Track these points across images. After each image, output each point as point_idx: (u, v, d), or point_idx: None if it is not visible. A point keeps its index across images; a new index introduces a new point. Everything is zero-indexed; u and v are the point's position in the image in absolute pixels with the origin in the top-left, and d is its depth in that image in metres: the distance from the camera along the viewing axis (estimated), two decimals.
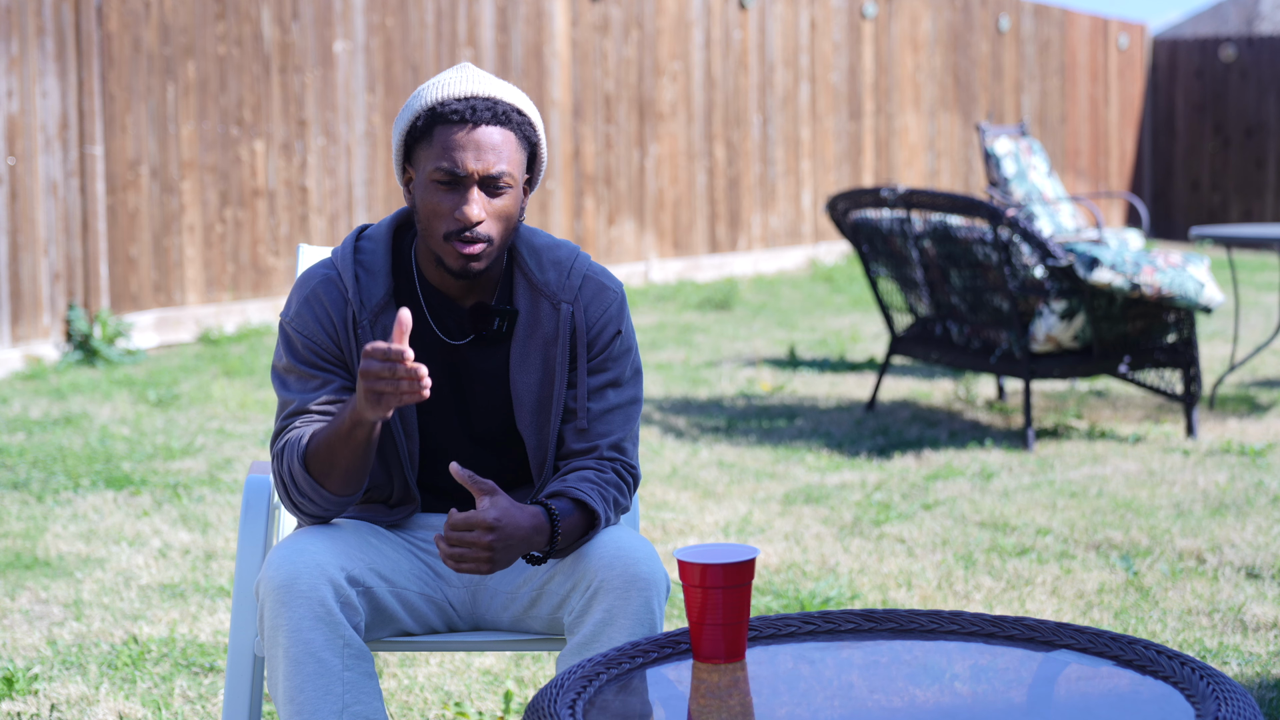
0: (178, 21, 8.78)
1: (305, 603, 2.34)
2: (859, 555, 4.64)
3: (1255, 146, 16.64)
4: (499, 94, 2.48)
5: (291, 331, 2.53)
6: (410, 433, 2.55)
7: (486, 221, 2.45)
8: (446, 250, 2.46)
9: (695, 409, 7.06)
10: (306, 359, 2.53)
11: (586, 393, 2.57)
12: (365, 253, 2.55)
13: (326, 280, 2.54)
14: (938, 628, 2.29)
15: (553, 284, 2.56)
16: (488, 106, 2.45)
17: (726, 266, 12.57)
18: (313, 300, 2.53)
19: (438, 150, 2.45)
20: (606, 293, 2.59)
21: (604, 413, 2.58)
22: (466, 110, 2.44)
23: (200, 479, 5.58)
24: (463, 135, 2.44)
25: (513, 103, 2.49)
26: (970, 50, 14.97)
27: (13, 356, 7.91)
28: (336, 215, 9.72)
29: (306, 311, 2.53)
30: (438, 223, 2.46)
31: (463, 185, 2.44)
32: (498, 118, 2.46)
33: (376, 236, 2.57)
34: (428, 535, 2.61)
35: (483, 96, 2.46)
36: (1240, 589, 4.27)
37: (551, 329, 2.55)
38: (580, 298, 2.57)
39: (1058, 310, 6.14)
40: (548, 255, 2.58)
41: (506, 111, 2.47)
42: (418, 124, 2.47)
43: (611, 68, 11.58)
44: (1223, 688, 2.00)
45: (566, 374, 2.56)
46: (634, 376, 2.64)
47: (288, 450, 2.46)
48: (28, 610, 4.18)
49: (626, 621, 2.38)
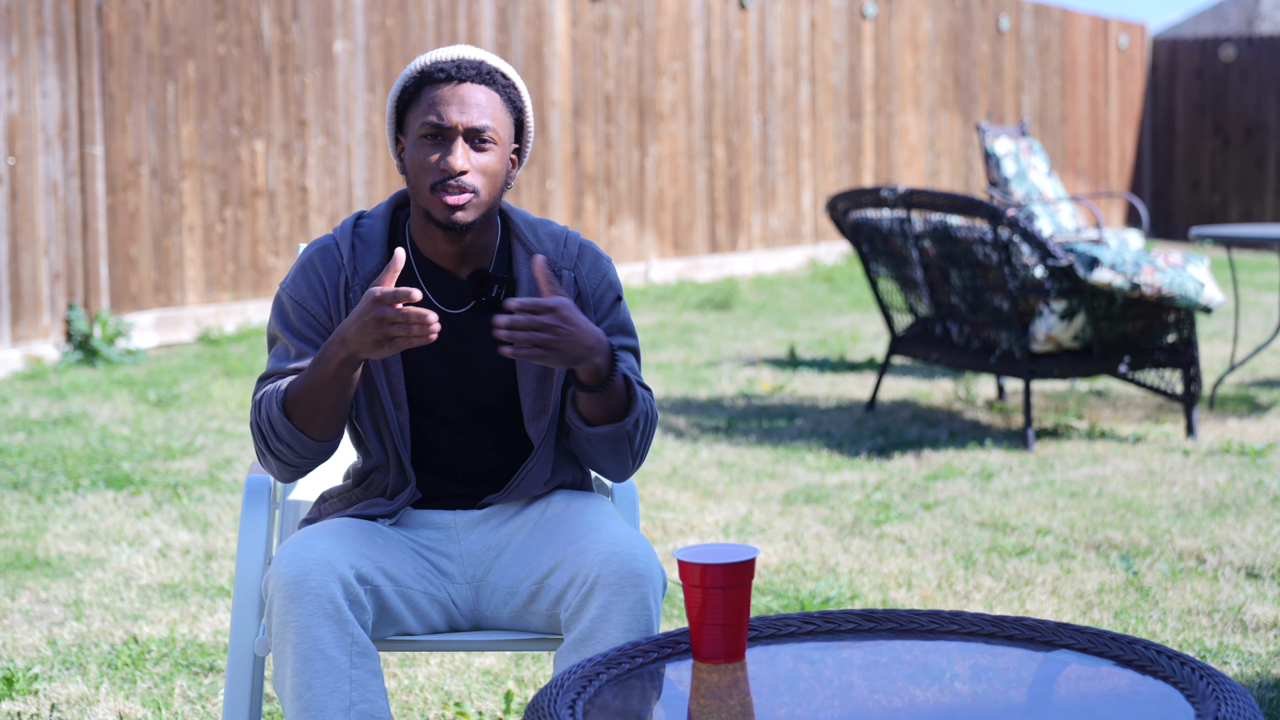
0: (178, 21, 8.78)
1: (315, 600, 2.35)
2: (859, 555, 4.64)
3: (1255, 146, 16.64)
4: (485, 58, 2.58)
5: (285, 297, 2.59)
6: (400, 404, 2.57)
7: (471, 173, 2.52)
8: (433, 202, 2.53)
9: (695, 409, 7.06)
10: (296, 328, 2.57)
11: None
12: (364, 227, 2.63)
13: (324, 249, 2.61)
14: (938, 628, 2.29)
15: (551, 253, 2.64)
16: (473, 66, 2.55)
17: (726, 266, 12.57)
18: (308, 267, 2.60)
19: (425, 107, 2.54)
20: (601, 260, 2.67)
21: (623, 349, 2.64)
22: (453, 68, 2.54)
23: (200, 479, 5.58)
24: (448, 90, 2.53)
25: (497, 66, 2.58)
26: (970, 50, 14.97)
27: (13, 356, 7.91)
28: (336, 215, 9.71)
29: (301, 278, 2.59)
30: (425, 176, 2.53)
31: (447, 138, 2.52)
32: (482, 77, 2.55)
33: (376, 214, 2.65)
34: (430, 532, 2.62)
35: (470, 59, 2.56)
36: (1240, 589, 4.27)
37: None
38: (579, 265, 2.64)
39: (1058, 310, 6.14)
40: (543, 229, 2.67)
41: (491, 72, 2.57)
42: (408, 87, 2.57)
43: (611, 68, 11.58)
44: (1223, 688, 2.00)
45: None
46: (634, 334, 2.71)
47: (266, 399, 2.51)
48: (28, 610, 4.18)
49: (622, 618, 2.38)
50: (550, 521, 2.58)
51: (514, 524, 2.62)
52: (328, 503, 2.68)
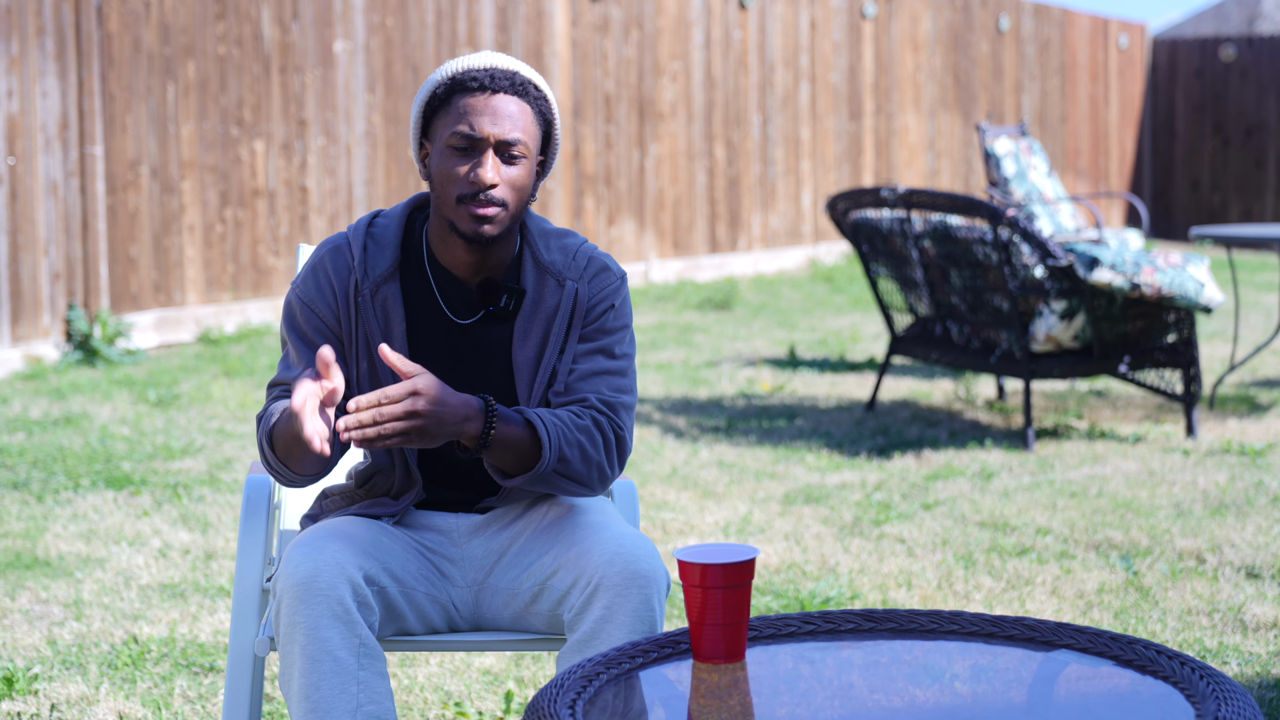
0: (178, 21, 8.78)
1: (324, 601, 2.35)
2: (859, 555, 4.64)
3: (1255, 146, 16.64)
4: (519, 69, 2.54)
5: (294, 299, 2.57)
6: None
7: (500, 186, 2.48)
8: (459, 214, 2.49)
9: (695, 409, 7.06)
10: (302, 330, 2.56)
11: (574, 355, 2.57)
12: (378, 228, 2.60)
13: (335, 249, 2.58)
14: (938, 628, 2.29)
15: (559, 264, 2.60)
16: (507, 77, 2.50)
17: (726, 266, 12.57)
18: (319, 268, 2.57)
19: (455, 115, 2.49)
20: (608, 273, 2.62)
21: (593, 374, 2.57)
22: (486, 78, 2.49)
23: (200, 479, 5.58)
24: (481, 101, 2.48)
25: (531, 78, 2.54)
26: (970, 50, 14.97)
27: (13, 356, 7.91)
28: (336, 215, 9.71)
29: (311, 279, 2.57)
30: (452, 187, 2.49)
31: (478, 149, 2.48)
32: (516, 89, 2.50)
33: (391, 215, 2.62)
34: (433, 535, 2.61)
35: (503, 69, 2.51)
36: (1240, 589, 4.27)
37: (554, 304, 2.58)
38: (585, 275, 2.60)
39: (1058, 310, 6.14)
40: (555, 240, 2.63)
41: (524, 84, 2.52)
42: (438, 93, 2.52)
43: (611, 68, 11.57)
44: (1223, 688, 2.00)
45: (561, 345, 2.57)
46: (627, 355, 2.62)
47: (261, 424, 2.50)
48: (28, 610, 4.18)
49: (626, 619, 2.38)
50: (553, 523, 2.58)
51: (516, 527, 2.62)
52: (329, 499, 2.68)
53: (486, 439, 2.40)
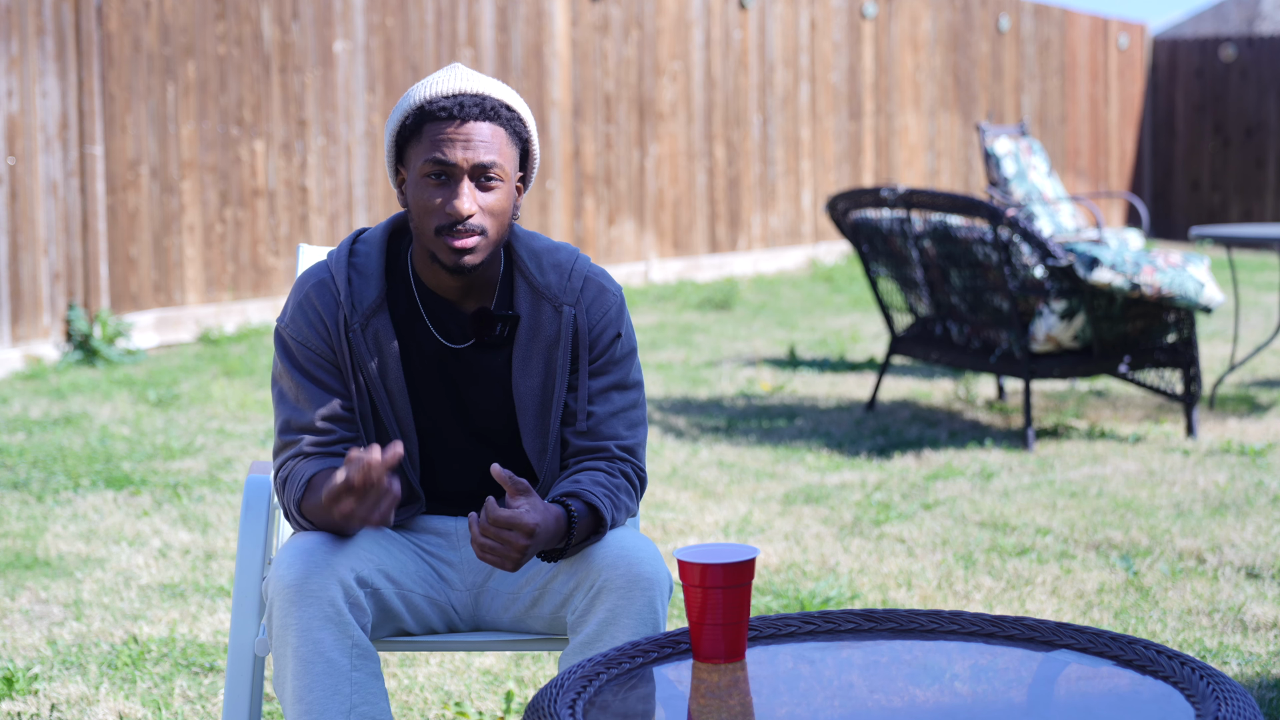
0: (178, 21, 8.78)
1: (316, 603, 2.35)
2: (859, 555, 4.64)
3: (1255, 146, 16.64)
4: (487, 90, 2.48)
5: (287, 337, 2.54)
6: (408, 434, 2.55)
7: (478, 214, 2.45)
8: (439, 245, 2.46)
9: (695, 409, 7.06)
10: (303, 367, 2.53)
11: (589, 395, 2.55)
12: (360, 255, 2.55)
13: (320, 284, 2.53)
14: (938, 628, 2.29)
15: (554, 287, 2.55)
16: (475, 102, 2.46)
17: (726, 266, 12.57)
18: (306, 305, 2.53)
19: (427, 145, 2.45)
20: (606, 295, 2.58)
21: (610, 415, 2.56)
22: (454, 106, 2.45)
23: (200, 479, 5.58)
24: (451, 130, 2.44)
25: (501, 98, 2.49)
26: (970, 50, 14.97)
27: (13, 356, 7.91)
28: (336, 215, 9.72)
29: (300, 317, 2.53)
30: (429, 218, 2.46)
31: (453, 178, 2.44)
32: (486, 113, 2.46)
33: (371, 240, 2.57)
34: (433, 538, 2.61)
35: (471, 93, 2.46)
36: (1240, 589, 4.27)
37: (553, 332, 2.55)
38: (581, 300, 2.56)
39: (1058, 310, 6.14)
40: (548, 258, 2.58)
41: (495, 107, 2.47)
42: (407, 123, 2.48)
43: (611, 68, 11.57)
44: (1223, 688, 2.00)
45: (567, 376, 2.56)
46: (638, 382, 2.63)
47: (289, 488, 2.48)
48: (28, 610, 4.18)
49: (630, 621, 2.38)
50: None
51: None
52: None
53: (565, 552, 2.41)
